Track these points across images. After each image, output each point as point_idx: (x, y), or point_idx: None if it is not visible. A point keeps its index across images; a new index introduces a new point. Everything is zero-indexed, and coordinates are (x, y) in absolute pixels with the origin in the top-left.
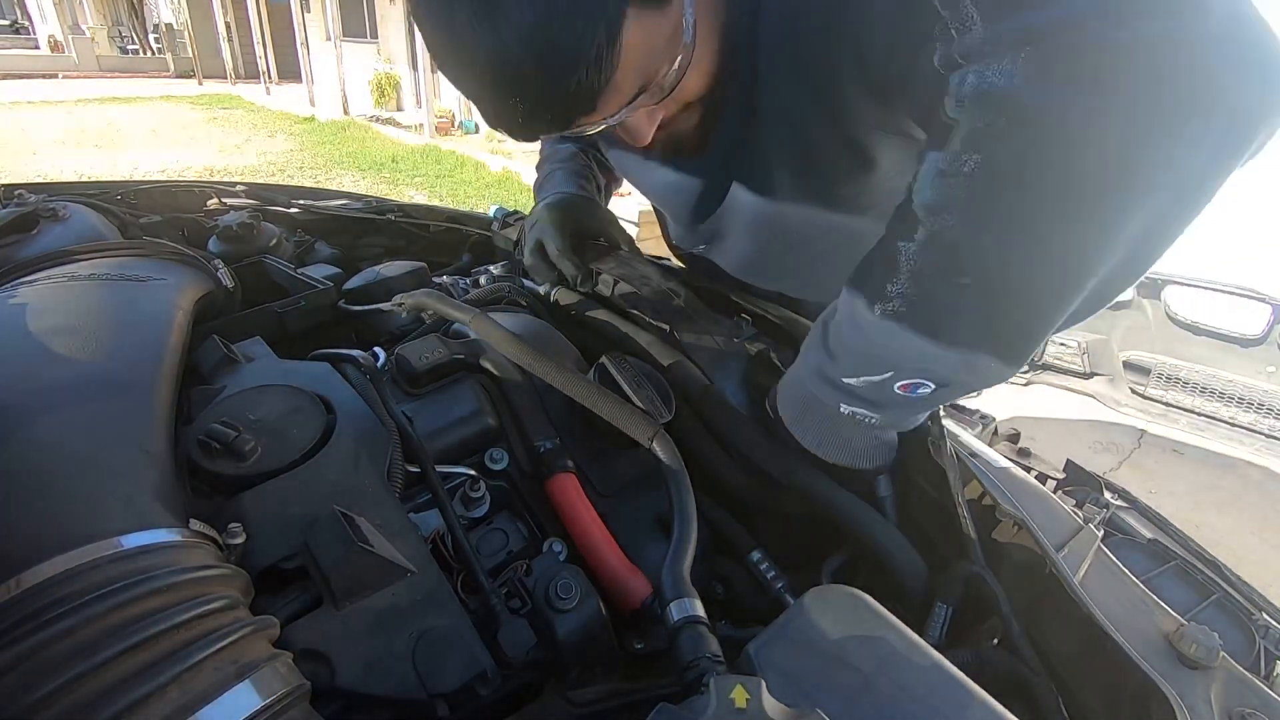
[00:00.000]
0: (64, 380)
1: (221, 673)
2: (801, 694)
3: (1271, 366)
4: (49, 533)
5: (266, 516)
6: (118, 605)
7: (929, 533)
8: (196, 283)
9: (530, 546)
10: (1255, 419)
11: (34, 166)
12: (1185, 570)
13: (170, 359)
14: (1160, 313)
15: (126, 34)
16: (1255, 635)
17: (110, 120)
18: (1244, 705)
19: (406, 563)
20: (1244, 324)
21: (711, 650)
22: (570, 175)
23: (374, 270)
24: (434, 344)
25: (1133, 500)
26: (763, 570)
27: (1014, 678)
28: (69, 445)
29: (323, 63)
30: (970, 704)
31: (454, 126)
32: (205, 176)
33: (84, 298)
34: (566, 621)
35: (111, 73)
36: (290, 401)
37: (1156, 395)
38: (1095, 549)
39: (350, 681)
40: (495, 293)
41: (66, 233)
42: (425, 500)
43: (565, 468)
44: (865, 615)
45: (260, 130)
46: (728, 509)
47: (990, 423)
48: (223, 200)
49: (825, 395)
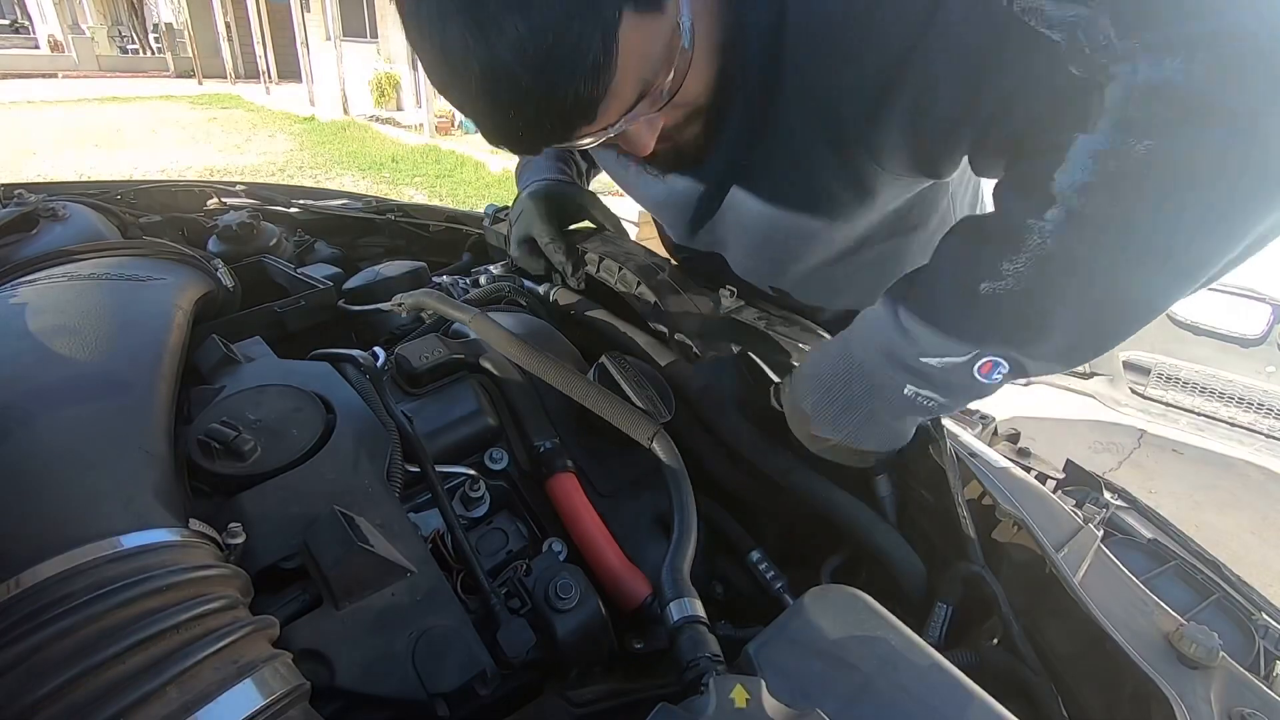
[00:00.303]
0: (64, 380)
1: (221, 672)
2: (801, 694)
3: (1271, 366)
4: (48, 532)
5: (266, 516)
6: (117, 605)
7: (929, 533)
8: (196, 283)
9: (530, 546)
10: (1255, 419)
11: (34, 166)
12: (1185, 570)
13: (170, 359)
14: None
15: (126, 34)
16: (1255, 635)
17: (110, 120)
18: (1244, 705)
19: (406, 563)
20: (1244, 324)
21: (711, 650)
22: (550, 159)
23: (374, 270)
24: (434, 344)
25: (1133, 500)
26: (762, 570)
27: (1014, 678)
28: (68, 445)
29: (323, 62)
30: (970, 704)
31: (454, 126)
32: (205, 176)
33: (84, 297)
34: (566, 621)
35: (111, 72)
36: (290, 401)
37: (1156, 395)
38: (1095, 549)
39: (350, 681)
40: (495, 293)
41: (66, 232)
42: (425, 500)
43: (565, 467)
44: (865, 615)
45: (260, 130)
46: (728, 509)
47: (990, 423)
48: (223, 200)
49: (890, 378)
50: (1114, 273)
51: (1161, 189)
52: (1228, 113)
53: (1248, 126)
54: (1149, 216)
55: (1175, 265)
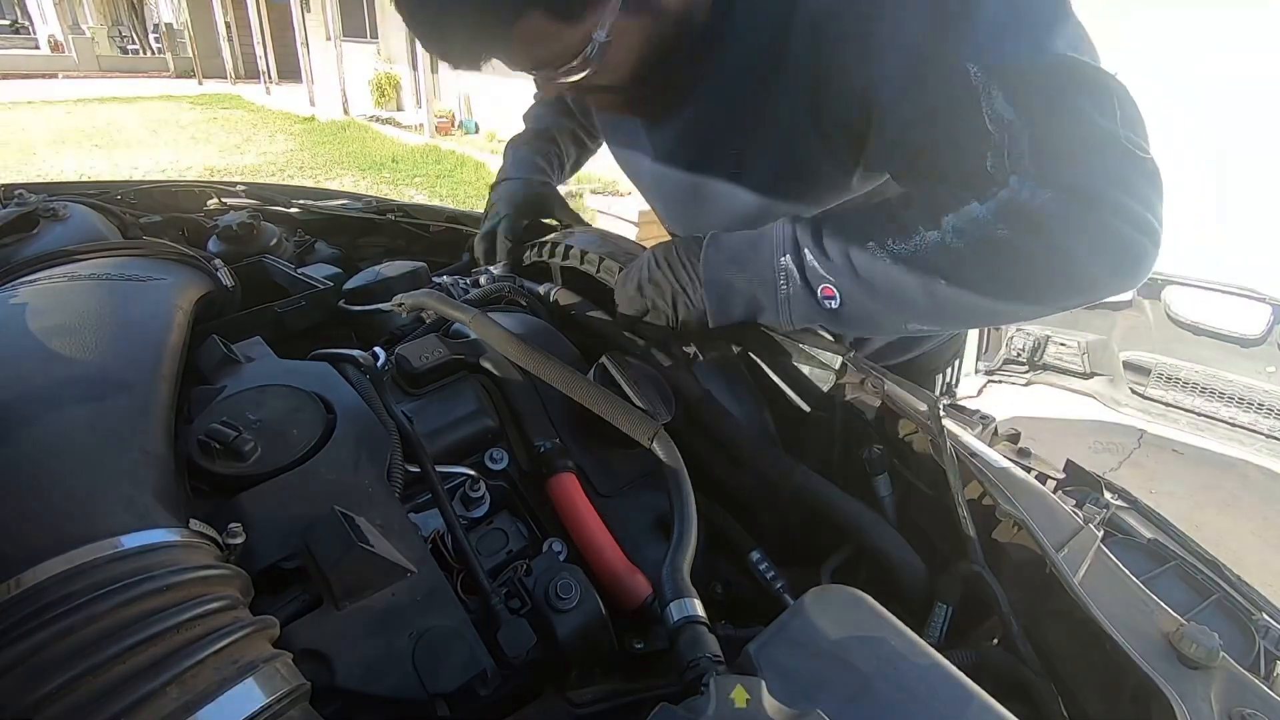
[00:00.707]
0: (64, 380)
1: (221, 672)
2: (801, 694)
3: (1271, 366)
4: (49, 532)
5: (266, 516)
6: (118, 605)
7: (929, 533)
8: (196, 283)
9: (530, 546)
10: (1255, 419)
11: (34, 166)
12: (1185, 570)
13: (170, 359)
14: (1160, 313)
15: (126, 34)
16: (1255, 635)
17: (110, 120)
18: (1244, 705)
19: (406, 563)
20: (1244, 324)
21: (711, 650)
22: (530, 156)
23: (374, 270)
24: (434, 344)
25: (1133, 500)
26: (762, 570)
27: (1014, 678)
28: (69, 445)
29: (323, 62)
30: (970, 704)
31: (454, 126)
32: (205, 176)
33: (84, 298)
34: (566, 621)
35: (111, 73)
36: (290, 401)
37: (1156, 395)
38: (1095, 549)
39: (350, 681)
40: (495, 293)
41: (66, 233)
42: (425, 500)
43: (565, 467)
44: (865, 615)
45: (260, 130)
46: (728, 509)
47: (990, 423)
48: (223, 200)
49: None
50: (946, 293)
51: (996, 263)
52: (1056, 246)
53: (1061, 260)
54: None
55: (968, 308)
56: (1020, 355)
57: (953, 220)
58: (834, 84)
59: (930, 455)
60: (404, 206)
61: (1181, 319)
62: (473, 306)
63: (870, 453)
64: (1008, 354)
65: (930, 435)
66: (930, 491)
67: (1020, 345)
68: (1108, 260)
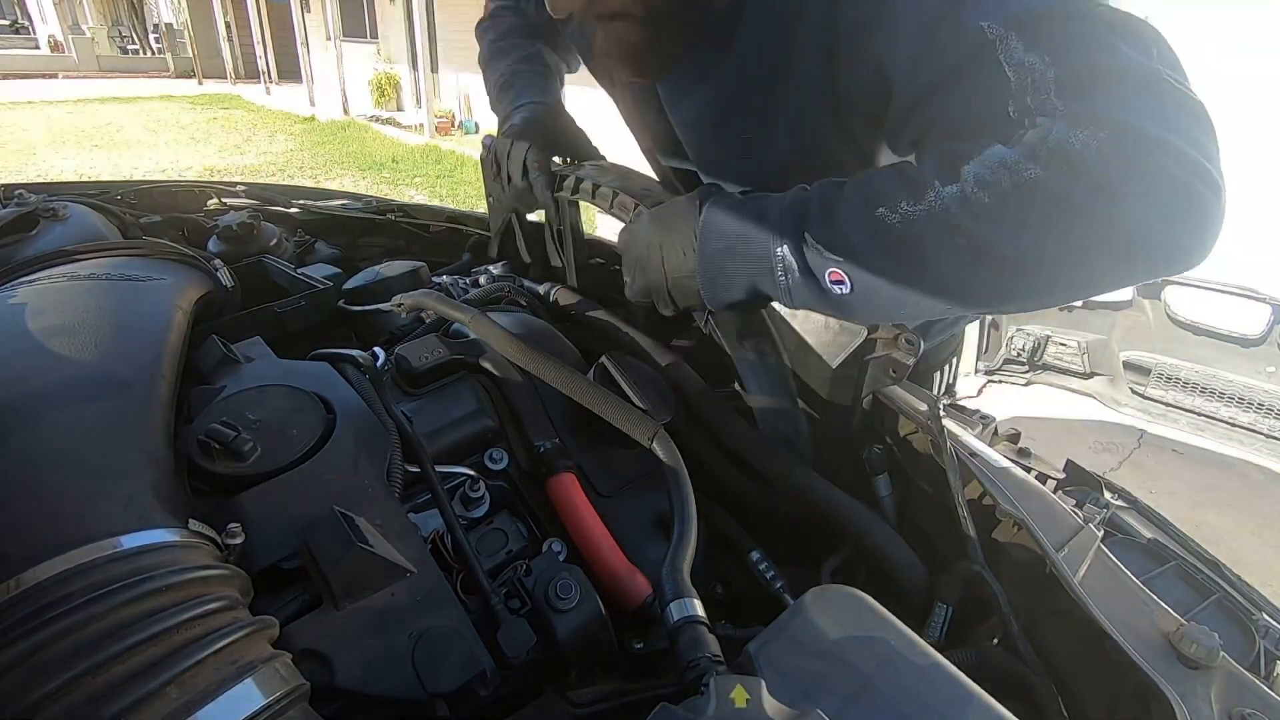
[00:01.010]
0: (64, 380)
1: (221, 672)
2: (801, 694)
3: (1271, 366)
4: (49, 532)
5: (266, 516)
6: (117, 605)
7: (929, 533)
8: (196, 283)
9: (530, 546)
10: (1255, 419)
11: (34, 166)
12: (1185, 570)
13: (170, 359)
14: (1160, 313)
15: (126, 34)
16: (1255, 635)
17: (110, 120)
18: (1244, 705)
19: (406, 563)
20: (1244, 324)
21: (711, 650)
22: (534, 78)
23: (374, 270)
24: (434, 344)
25: (1133, 500)
26: (762, 570)
27: (1014, 678)
28: (68, 445)
29: (323, 62)
30: (970, 704)
31: (454, 126)
32: (205, 176)
33: (84, 298)
34: (566, 621)
35: (111, 73)
36: (290, 401)
37: (1156, 395)
38: (1095, 549)
39: (350, 681)
40: (495, 293)
41: (66, 233)
42: (425, 500)
43: (565, 467)
44: (865, 615)
45: (260, 130)
46: (728, 509)
47: (990, 423)
48: (223, 200)
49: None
50: (968, 257)
51: (1029, 213)
52: (1099, 186)
53: (1106, 204)
54: (1011, 230)
55: (1009, 276)
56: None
57: (974, 169)
58: (849, 61)
59: (930, 455)
60: (404, 206)
61: (1181, 319)
62: (472, 306)
63: (870, 453)
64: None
65: (930, 435)
66: (930, 491)
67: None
68: (1162, 206)
